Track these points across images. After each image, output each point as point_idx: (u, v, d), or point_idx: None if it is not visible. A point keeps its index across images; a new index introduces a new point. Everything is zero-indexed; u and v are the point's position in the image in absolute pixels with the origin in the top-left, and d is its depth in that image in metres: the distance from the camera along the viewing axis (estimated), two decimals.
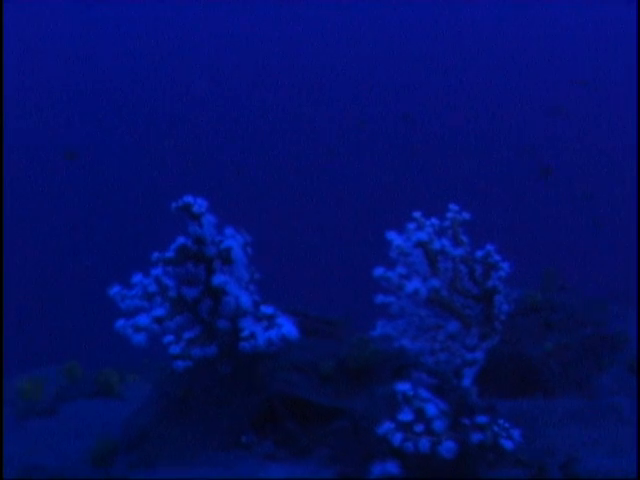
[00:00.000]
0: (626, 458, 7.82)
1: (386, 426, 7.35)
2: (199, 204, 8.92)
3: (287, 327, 8.61)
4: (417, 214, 9.10)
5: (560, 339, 11.19)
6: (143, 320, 8.96)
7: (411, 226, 8.94)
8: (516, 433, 7.50)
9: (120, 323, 8.96)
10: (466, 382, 8.89)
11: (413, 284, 8.56)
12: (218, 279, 8.80)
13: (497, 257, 9.01)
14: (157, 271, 9.28)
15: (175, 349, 9.01)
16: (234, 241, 9.08)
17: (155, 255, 9.12)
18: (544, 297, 11.55)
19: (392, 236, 8.88)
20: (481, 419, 7.46)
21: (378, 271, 8.60)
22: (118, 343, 9.18)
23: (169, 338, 9.03)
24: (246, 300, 8.85)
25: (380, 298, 8.88)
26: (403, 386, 7.52)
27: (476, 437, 7.41)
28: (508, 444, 7.39)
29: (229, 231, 9.17)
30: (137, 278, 9.33)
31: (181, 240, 9.12)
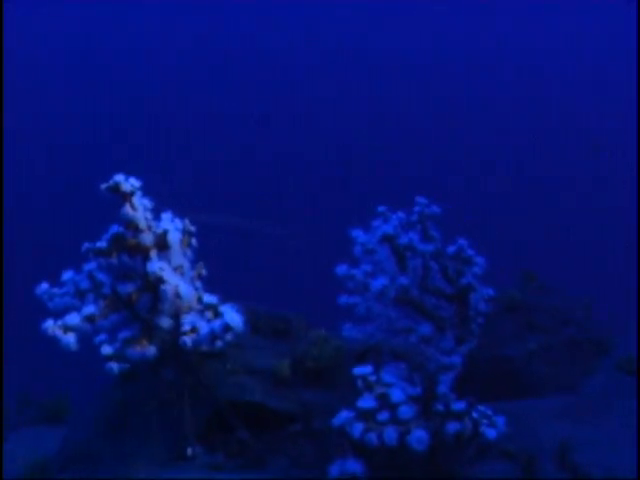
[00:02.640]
0: (621, 455, 6.33)
1: (343, 416, 5.80)
2: (130, 183, 7.42)
3: (230, 315, 7.08)
4: (382, 208, 7.87)
5: (543, 340, 9.70)
6: (72, 319, 7.40)
7: (376, 223, 7.64)
8: (500, 420, 6.00)
9: (47, 324, 7.40)
10: (443, 388, 7.30)
11: (379, 282, 7.13)
12: (153, 266, 7.29)
13: (471, 252, 7.57)
14: (90, 266, 7.75)
15: (108, 349, 7.48)
16: (172, 225, 7.57)
17: (85, 246, 7.59)
18: (523, 296, 10.06)
19: (357, 233, 7.45)
20: (458, 405, 5.93)
21: (341, 269, 7.18)
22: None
23: (101, 337, 7.48)
24: (186, 289, 7.33)
25: (344, 299, 7.39)
26: (363, 369, 5.98)
27: (452, 426, 5.88)
28: (491, 433, 5.89)
29: (166, 215, 7.67)
30: (68, 275, 7.82)
31: (114, 228, 7.61)
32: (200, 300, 7.59)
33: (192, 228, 7.96)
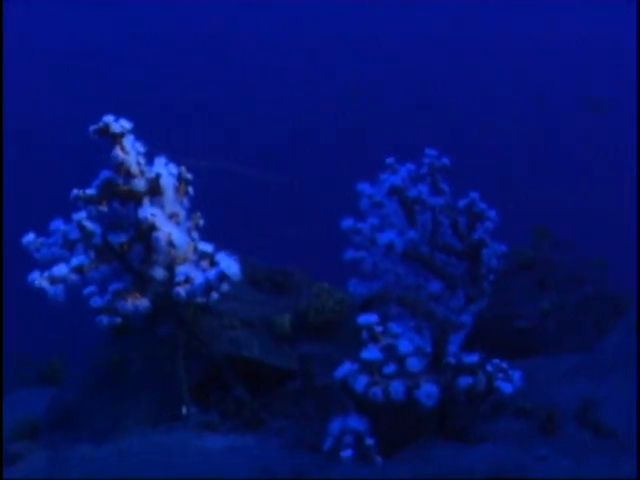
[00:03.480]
0: None
1: (346, 368, 5.22)
2: (120, 124, 6.85)
3: (226, 263, 6.50)
4: (390, 160, 7.32)
5: (556, 299, 9.11)
6: (60, 270, 6.84)
7: (384, 175, 7.14)
8: (516, 375, 5.41)
9: (34, 275, 6.84)
10: (452, 349, 6.73)
11: (387, 236, 6.52)
12: (145, 212, 6.71)
13: (482, 205, 6.98)
14: (80, 215, 7.17)
15: (98, 301, 6.92)
16: (165, 170, 6.99)
17: (74, 192, 7.02)
18: (536, 254, 9.47)
19: (363, 186, 7.04)
20: (470, 358, 5.35)
21: (347, 222, 6.63)
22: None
23: (90, 289, 6.92)
24: (180, 237, 6.76)
25: (350, 254, 6.78)
26: (368, 318, 5.40)
27: (464, 380, 5.30)
28: (507, 387, 5.30)
29: (160, 160, 7.09)
30: (56, 225, 7.23)
31: (105, 174, 7.04)
32: (196, 250, 7.04)
33: (189, 175, 7.39)
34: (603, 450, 5.17)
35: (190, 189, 7.39)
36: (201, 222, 7.52)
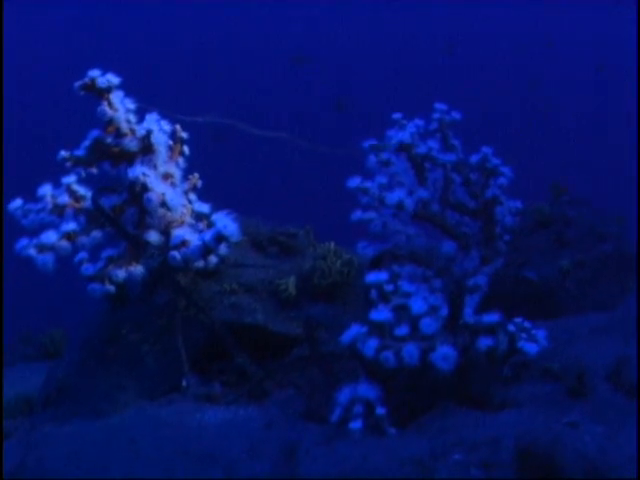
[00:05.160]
0: None
1: (354, 331, 4.64)
2: (107, 78, 6.27)
3: (223, 223, 5.93)
4: (397, 115, 6.75)
5: (576, 256, 8.51)
6: (49, 237, 6.28)
7: (391, 132, 6.58)
8: (541, 334, 4.81)
9: (21, 243, 6.30)
10: (467, 312, 6.14)
11: (396, 195, 5.94)
12: (135, 171, 6.13)
13: (496, 161, 6.41)
14: (69, 179, 6.63)
15: (89, 269, 6.36)
16: (157, 126, 6.41)
17: (61, 154, 6.46)
18: (553, 210, 8.86)
19: (370, 143, 6.54)
20: (490, 317, 4.75)
21: (353, 181, 6.06)
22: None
23: (81, 256, 6.36)
24: (174, 197, 6.18)
25: (357, 214, 6.20)
26: (377, 276, 4.81)
27: (484, 341, 4.71)
28: (531, 348, 4.71)
29: (151, 116, 6.51)
30: (45, 189, 6.67)
31: (94, 133, 6.48)
32: (193, 213, 6.48)
33: (183, 134, 6.82)
34: None
35: (186, 148, 6.83)
36: (199, 183, 6.97)
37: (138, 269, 6.45)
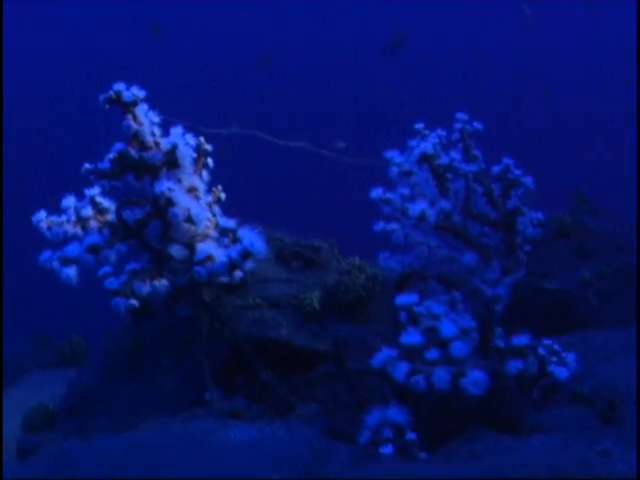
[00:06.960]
0: None
1: (384, 355, 4.57)
2: (132, 92, 6.21)
3: (250, 239, 5.87)
4: (419, 125, 6.66)
5: (597, 268, 8.43)
6: (74, 250, 6.23)
7: (414, 142, 6.48)
8: (570, 357, 4.74)
9: (45, 256, 6.25)
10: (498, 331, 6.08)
11: (419, 206, 5.86)
12: (161, 186, 6.07)
13: (518, 172, 6.34)
14: (93, 191, 6.57)
15: (113, 284, 6.29)
16: (182, 140, 6.35)
17: (85, 167, 6.41)
18: (575, 220, 8.78)
19: (392, 154, 6.35)
20: (520, 340, 4.68)
21: (376, 193, 5.98)
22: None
23: (105, 270, 6.30)
24: (199, 212, 6.12)
25: (380, 226, 6.13)
26: (407, 299, 4.75)
27: (514, 365, 4.64)
28: (562, 372, 4.63)
29: (176, 130, 6.45)
30: (69, 202, 6.63)
31: (119, 146, 6.42)
32: (217, 226, 6.42)
33: (208, 147, 6.77)
34: None
35: (210, 161, 6.78)
36: (223, 196, 6.92)
37: (162, 283, 6.39)
